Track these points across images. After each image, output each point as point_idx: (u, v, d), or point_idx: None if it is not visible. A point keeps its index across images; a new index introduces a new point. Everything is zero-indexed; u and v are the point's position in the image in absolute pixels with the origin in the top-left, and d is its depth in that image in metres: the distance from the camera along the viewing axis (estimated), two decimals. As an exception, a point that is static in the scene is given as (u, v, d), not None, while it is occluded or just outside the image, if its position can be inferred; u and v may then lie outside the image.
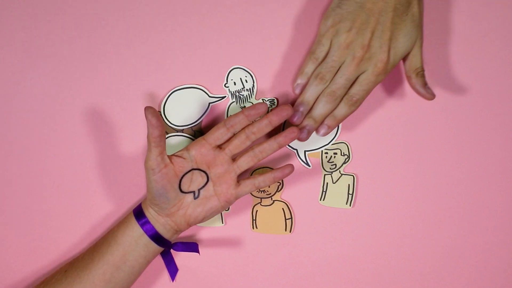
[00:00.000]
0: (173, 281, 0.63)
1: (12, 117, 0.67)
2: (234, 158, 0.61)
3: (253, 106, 0.58)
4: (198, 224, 0.66)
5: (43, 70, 0.67)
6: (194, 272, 0.67)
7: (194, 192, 0.60)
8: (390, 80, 0.66)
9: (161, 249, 0.61)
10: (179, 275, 0.67)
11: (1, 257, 0.66)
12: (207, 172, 0.60)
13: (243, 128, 0.60)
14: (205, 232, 0.67)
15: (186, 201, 0.60)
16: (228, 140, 0.60)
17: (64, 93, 0.67)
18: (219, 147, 0.60)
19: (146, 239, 0.60)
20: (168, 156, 0.59)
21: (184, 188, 0.60)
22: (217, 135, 0.59)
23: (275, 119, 0.58)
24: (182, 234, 0.67)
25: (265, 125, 0.59)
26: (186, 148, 0.60)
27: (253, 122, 0.59)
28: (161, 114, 0.66)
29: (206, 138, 0.60)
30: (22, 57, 0.67)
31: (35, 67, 0.67)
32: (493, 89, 0.66)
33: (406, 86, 0.66)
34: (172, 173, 0.58)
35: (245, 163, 0.60)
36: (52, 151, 0.67)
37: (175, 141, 0.66)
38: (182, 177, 0.59)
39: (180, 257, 0.67)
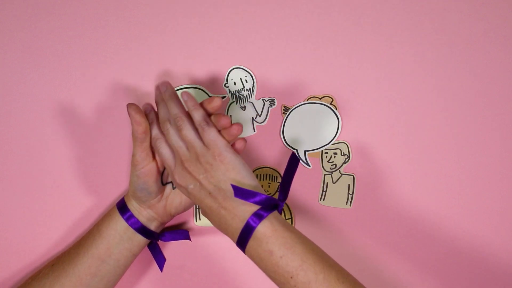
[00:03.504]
0: (161, 271, 0.63)
1: (12, 117, 0.67)
2: None
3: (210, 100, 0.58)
4: (198, 224, 0.67)
5: (43, 70, 0.67)
6: (194, 272, 0.67)
7: (172, 182, 0.61)
8: (390, 80, 0.66)
9: (146, 241, 0.62)
10: (178, 275, 0.67)
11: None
12: None
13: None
14: (205, 232, 0.67)
15: (166, 192, 0.61)
16: None
17: (64, 93, 0.67)
18: None
19: (131, 232, 0.60)
20: (152, 151, 0.59)
21: (164, 179, 0.61)
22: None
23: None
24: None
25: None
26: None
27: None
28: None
29: None
30: (22, 57, 0.67)
31: (35, 67, 0.67)
32: (493, 89, 0.66)
33: (406, 86, 0.66)
34: (154, 169, 0.59)
35: None
36: (52, 150, 0.67)
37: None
38: (164, 170, 0.60)
39: (180, 258, 0.67)
